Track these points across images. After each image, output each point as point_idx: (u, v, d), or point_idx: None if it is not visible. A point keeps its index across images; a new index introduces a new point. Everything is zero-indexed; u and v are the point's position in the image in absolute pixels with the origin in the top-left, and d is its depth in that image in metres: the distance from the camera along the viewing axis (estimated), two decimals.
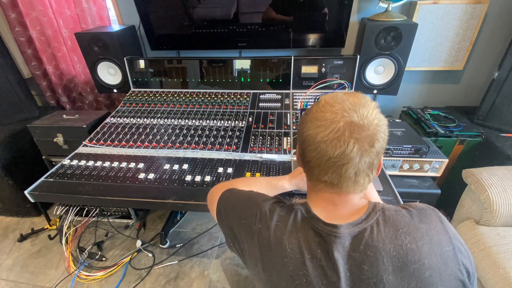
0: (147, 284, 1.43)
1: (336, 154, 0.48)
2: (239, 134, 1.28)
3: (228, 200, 0.66)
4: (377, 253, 0.47)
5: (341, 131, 0.47)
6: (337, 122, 0.48)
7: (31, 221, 1.84)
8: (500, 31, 1.53)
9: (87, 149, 1.24)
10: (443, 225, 0.50)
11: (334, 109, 0.49)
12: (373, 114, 0.49)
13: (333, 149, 0.48)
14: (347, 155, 0.47)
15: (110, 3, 1.74)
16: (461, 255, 0.49)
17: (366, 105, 0.49)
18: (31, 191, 1.01)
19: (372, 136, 0.48)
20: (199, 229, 1.73)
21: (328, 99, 0.52)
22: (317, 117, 0.50)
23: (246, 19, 1.54)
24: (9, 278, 1.50)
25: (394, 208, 0.53)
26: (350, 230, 0.50)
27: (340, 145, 0.47)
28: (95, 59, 1.64)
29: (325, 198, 0.55)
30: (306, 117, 0.54)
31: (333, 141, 0.47)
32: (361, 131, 0.47)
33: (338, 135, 0.47)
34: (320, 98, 0.54)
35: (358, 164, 0.48)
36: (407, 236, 0.47)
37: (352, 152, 0.47)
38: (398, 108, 1.82)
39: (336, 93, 0.53)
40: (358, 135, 0.47)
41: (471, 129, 1.49)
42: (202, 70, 1.63)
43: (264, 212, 0.57)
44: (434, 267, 0.46)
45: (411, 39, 1.37)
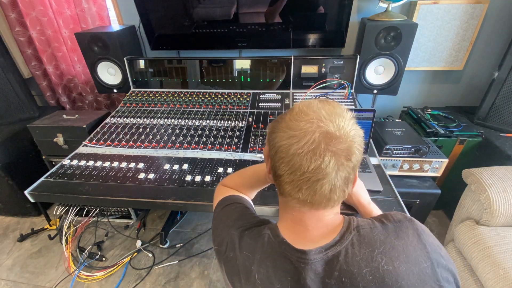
0: (147, 284, 1.43)
1: (311, 168, 0.44)
2: (239, 134, 1.28)
3: (214, 216, 0.66)
4: (352, 278, 0.44)
5: (316, 142, 0.43)
6: (312, 132, 0.44)
7: (31, 221, 1.84)
8: (500, 31, 1.53)
9: (87, 149, 1.24)
10: (420, 239, 0.48)
11: (308, 118, 0.46)
12: (349, 125, 0.46)
13: (308, 162, 0.44)
14: (323, 169, 0.44)
15: (110, 3, 1.74)
16: (441, 269, 0.47)
17: (342, 115, 0.46)
18: (31, 191, 1.01)
19: (349, 149, 0.45)
20: (199, 229, 1.73)
21: (302, 107, 0.49)
22: (291, 126, 0.46)
23: (246, 19, 1.54)
24: (9, 278, 1.50)
25: (369, 224, 0.50)
26: (322, 255, 0.47)
27: (315, 159, 0.43)
28: (95, 59, 1.64)
29: (297, 218, 0.51)
30: (278, 125, 0.49)
31: (308, 154, 0.44)
32: (337, 143, 0.44)
33: (313, 147, 0.43)
34: (294, 106, 0.51)
35: (334, 179, 0.45)
36: (383, 257, 0.45)
37: (328, 166, 0.43)
38: (398, 108, 1.82)
39: (310, 101, 0.50)
40: (335, 147, 0.44)
41: (471, 129, 1.49)
42: (202, 70, 1.63)
43: (233, 240, 0.54)
44: (411, 287, 0.44)
45: (411, 39, 1.37)
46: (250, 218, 0.59)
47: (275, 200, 0.92)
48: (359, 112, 1.04)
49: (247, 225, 0.57)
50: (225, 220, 0.61)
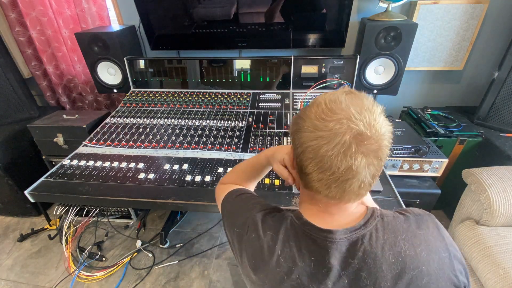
0: (147, 284, 1.43)
1: (342, 170, 0.43)
2: (239, 134, 1.28)
3: (225, 206, 0.65)
4: (376, 260, 0.46)
5: (347, 144, 0.42)
6: (343, 133, 0.42)
7: (31, 221, 1.84)
8: (500, 31, 1.53)
9: (87, 149, 1.24)
10: (440, 232, 0.50)
11: (337, 118, 0.44)
12: (380, 121, 0.44)
13: (339, 164, 0.43)
14: (354, 170, 0.43)
15: (110, 3, 1.74)
16: (457, 262, 0.49)
17: (372, 110, 0.45)
18: (31, 191, 1.01)
19: (379, 149, 0.44)
20: (199, 229, 1.73)
21: (330, 104, 0.46)
22: (318, 127, 0.45)
23: (246, 19, 1.54)
24: (9, 278, 1.50)
25: (392, 214, 0.52)
26: (347, 236, 0.48)
27: (346, 160, 0.43)
28: (95, 59, 1.64)
29: (321, 208, 0.52)
30: (303, 123, 0.48)
31: (339, 156, 0.43)
32: (369, 144, 0.43)
33: (344, 150, 0.42)
34: (318, 100, 0.48)
35: (363, 177, 0.45)
36: (406, 243, 0.47)
37: (359, 167, 0.43)
38: (398, 108, 1.82)
39: (337, 95, 0.47)
40: (366, 148, 0.43)
41: (471, 129, 1.49)
42: (202, 70, 1.63)
43: (255, 222, 0.55)
44: (432, 274, 0.46)
45: (411, 39, 1.37)
46: (267, 204, 0.61)
47: (275, 200, 0.92)
48: None
49: (268, 209, 0.58)
50: (243, 205, 0.62)
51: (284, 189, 0.96)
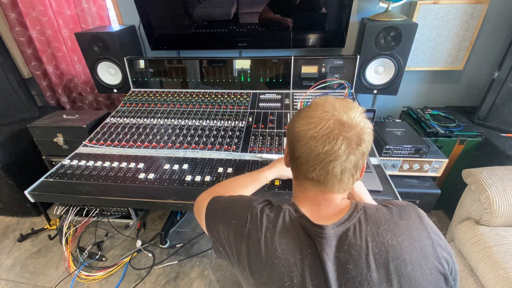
0: (147, 284, 1.43)
1: (325, 150, 0.50)
2: (239, 134, 1.28)
3: (218, 204, 0.66)
4: (360, 251, 0.48)
5: (330, 128, 0.50)
6: (327, 120, 0.50)
7: (31, 221, 1.84)
8: (500, 31, 1.53)
9: (87, 149, 1.24)
10: (422, 221, 0.52)
11: (324, 108, 0.52)
12: (360, 116, 0.52)
13: (322, 145, 0.50)
14: (335, 151, 0.49)
15: (110, 3, 1.74)
16: (440, 249, 0.50)
17: (354, 109, 0.53)
18: (31, 191, 1.01)
19: (359, 136, 0.50)
20: (199, 229, 1.73)
21: (320, 100, 0.56)
22: (309, 115, 0.53)
23: (246, 19, 1.54)
24: (9, 278, 1.50)
25: (375, 206, 0.54)
26: (335, 231, 0.51)
27: (329, 141, 0.49)
28: (95, 59, 1.64)
29: (310, 197, 0.56)
30: (298, 115, 0.56)
31: (323, 137, 0.50)
32: (349, 130, 0.50)
33: (328, 132, 0.50)
34: (313, 100, 0.58)
35: (344, 162, 0.50)
36: (388, 233, 0.49)
37: (340, 149, 0.49)
38: (398, 108, 1.82)
39: (327, 96, 0.57)
40: (346, 133, 0.49)
41: (471, 129, 1.49)
42: (202, 70, 1.63)
43: (255, 213, 0.57)
44: (415, 261, 0.47)
45: (411, 39, 1.37)
46: (263, 199, 0.63)
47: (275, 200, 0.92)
48: None
49: (267, 202, 0.61)
50: (239, 199, 0.64)
51: (284, 189, 0.96)
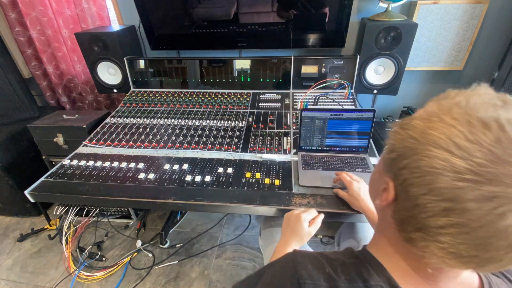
0: (147, 284, 1.43)
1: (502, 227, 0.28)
2: (239, 134, 1.28)
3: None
4: None
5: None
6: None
7: (31, 221, 1.84)
8: (500, 31, 1.53)
9: (87, 149, 1.24)
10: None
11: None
12: None
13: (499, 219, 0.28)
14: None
15: (110, 3, 1.74)
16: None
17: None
18: (31, 191, 1.01)
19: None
20: (199, 229, 1.73)
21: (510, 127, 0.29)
22: (494, 175, 0.28)
23: (246, 19, 1.54)
24: (9, 278, 1.50)
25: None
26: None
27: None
28: (95, 59, 1.64)
29: (424, 272, 0.37)
30: (449, 157, 0.30)
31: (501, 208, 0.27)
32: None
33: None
34: (472, 115, 0.31)
35: None
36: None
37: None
38: (398, 108, 1.82)
39: (503, 111, 0.31)
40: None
41: None
42: (202, 70, 1.63)
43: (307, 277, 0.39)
44: None
45: (411, 39, 1.37)
46: (309, 256, 0.44)
47: (275, 200, 0.92)
48: (359, 112, 1.04)
49: (333, 261, 0.42)
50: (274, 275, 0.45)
51: (284, 189, 0.96)
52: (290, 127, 1.31)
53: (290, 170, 1.05)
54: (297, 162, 1.08)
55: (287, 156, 1.12)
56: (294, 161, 1.09)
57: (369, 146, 1.09)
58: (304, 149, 1.13)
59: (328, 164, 1.05)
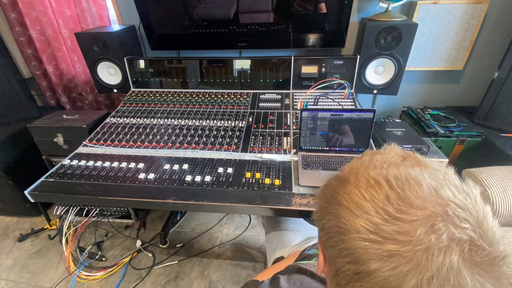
0: (147, 284, 1.43)
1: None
2: (239, 134, 1.28)
3: None
4: None
5: (455, 270, 0.25)
6: (444, 250, 0.25)
7: (31, 221, 1.84)
8: (500, 31, 1.53)
9: (87, 149, 1.24)
10: None
11: (424, 215, 0.27)
12: (487, 211, 0.28)
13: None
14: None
15: (110, 3, 1.74)
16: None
17: (468, 191, 0.29)
18: (31, 191, 1.01)
19: (496, 266, 0.26)
20: (199, 229, 1.73)
21: (400, 184, 0.30)
22: (388, 233, 0.27)
23: (246, 19, 1.54)
24: (9, 278, 1.50)
25: None
26: None
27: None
28: (95, 59, 1.64)
29: None
30: (348, 217, 0.31)
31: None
32: (484, 262, 0.25)
33: (453, 284, 0.25)
34: (369, 174, 0.32)
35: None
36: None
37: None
38: (398, 108, 1.82)
39: (399, 168, 0.32)
40: (482, 271, 0.25)
41: (471, 129, 1.49)
42: (202, 70, 1.63)
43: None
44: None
45: (411, 39, 1.37)
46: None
47: (275, 200, 0.92)
48: (359, 112, 1.04)
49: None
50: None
51: (284, 189, 0.96)
52: (290, 127, 1.31)
53: (290, 170, 1.05)
54: (297, 162, 1.08)
55: (287, 156, 1.13)
56: (294, 161, 1.09)
57: (369, 146, 1.09)
58: (304, 149, 1.13)
59: (328, 164, 1.05)
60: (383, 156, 0.35)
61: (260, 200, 0.92)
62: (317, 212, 0.38)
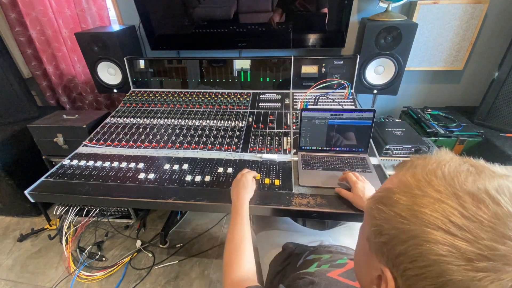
0: (147, 284, 1.43)
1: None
2: (239, 134, 1.28)
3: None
4: None
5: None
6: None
7: (31, 221, 1.84)
8: (500, 31, 1.53)
9: (87, 149, 1.24)
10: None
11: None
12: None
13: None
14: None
15: (110, 3, 1.74)
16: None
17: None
18: (31, 191, 1.01)
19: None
20: (199, 229, 1.73)
21: (490, 200, 0.27)
22: (484, 255, 0.25)
23: (246, 19, 1.54)
24: (9, 278, 1.50)
25: None
26: None
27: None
28: (95, 59, 1.64)
29: None
30: (426, 236, 0.28)
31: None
32: None
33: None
34: (449, 188, 0.29)
35: None
36: None
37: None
38: (398, 108, 1.82)
39: (478, 183, 0.29)
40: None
41: (471, 129, 1.49)
42: (202, 70, 1.63)
43: None
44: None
45: (411, 39, 1.37)
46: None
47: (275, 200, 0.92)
48: (359, 112, 1.04)
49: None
50: None
51: (284, 189, 0.96)
52: (290, 127, 1.31)
53: (290, 170, 1.05)
54: (297, 162, 1.08)
55: (287, 156, 1.12)
56: (294, 161, 1.09)
57: (369, 146, 1.09)
58: (304, 149, 1.13)
59: (328, 164, 1.05)
60: (451, 164, 0.32)
61: (260, 200, 0.92)
62: (384, 234, 0.32)
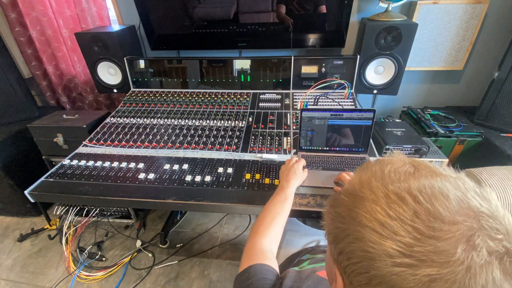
0: (147, 284, 1.43)
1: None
2: (239, 134, 1.28)
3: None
4: None
5: (498, 285, 0.23)
6: (485, 267, 0.24)
7: (31, 221, 1.84)
8: (500, 31, 1.53)
9: (87, 149, 1.24)
10: None
11: (460, 232, 0.25)
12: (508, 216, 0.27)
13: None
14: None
15: (110, 3, 1.74)
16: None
17: (488, 198, 0.28)
18: (31, 191, 1.01)
19: None
20: (199, 229, 1.73)
21: (427, 198, 0.27)
22: (423, 254, 0.25)
23: (246, 19, 1.54)
24: (9, 278, 1.50)
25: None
26: None
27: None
28: (95, 59, 1.64)
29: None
30: (374, 239, 0.28)
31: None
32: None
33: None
34: (389, 189, 0.29)
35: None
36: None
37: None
38: (398, 108, 1.82)
39: (420, 180, 0.29)
40: None
41: (471, 129, 1.49)
42: (202, 70, 1.63)
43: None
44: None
45: (411, 39, 1.37)
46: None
47: None
48: (359, 112, 1.04)
49: None
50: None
51: None
52: (290, 127, 1.31)
53: None
54: None
55: (287, 156, 1.12)
56: None
57: (369, 146, 1.09)
58: (304, 149, 1.13)
59: (328, 164, 1.05)
60: (392, 166, 0.32)
61: (260, 200, 0.92)
62: (330, 233, 0.34)
